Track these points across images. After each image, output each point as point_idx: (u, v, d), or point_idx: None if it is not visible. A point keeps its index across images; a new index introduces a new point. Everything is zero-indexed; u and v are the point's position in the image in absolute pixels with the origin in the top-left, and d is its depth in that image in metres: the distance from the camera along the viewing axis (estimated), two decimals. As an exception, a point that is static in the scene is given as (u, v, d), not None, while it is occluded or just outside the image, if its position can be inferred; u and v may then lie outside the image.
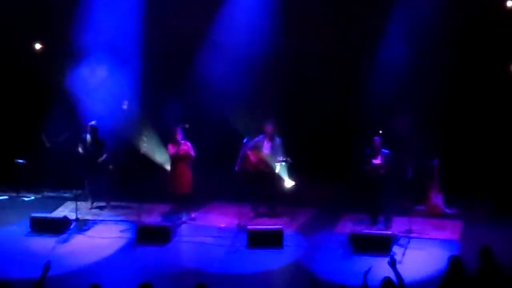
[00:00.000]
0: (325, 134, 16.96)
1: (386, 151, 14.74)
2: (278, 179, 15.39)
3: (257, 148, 15.51)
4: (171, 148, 15.47)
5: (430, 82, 15.98)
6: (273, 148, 15.45)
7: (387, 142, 14.93)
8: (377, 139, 14.77)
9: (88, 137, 16.01)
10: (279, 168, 15.37)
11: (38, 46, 17.54)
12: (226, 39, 16.73)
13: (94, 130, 15.97)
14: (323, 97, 16.82)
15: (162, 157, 15.88)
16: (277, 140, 15.50)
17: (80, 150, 15.98)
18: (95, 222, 15.45)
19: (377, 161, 14.69)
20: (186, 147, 15.44)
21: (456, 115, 16.24)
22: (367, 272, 9.24)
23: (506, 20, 15.73)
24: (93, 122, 16.03)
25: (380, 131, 15.14)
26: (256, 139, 15.56)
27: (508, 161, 15.95)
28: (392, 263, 9.40)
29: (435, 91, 15.98)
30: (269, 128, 15.51)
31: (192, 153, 15.44)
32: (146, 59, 17.05)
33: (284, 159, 15.29)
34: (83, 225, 15.22)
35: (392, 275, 9.16)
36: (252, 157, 15.46)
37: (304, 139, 16.93)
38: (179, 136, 15.43)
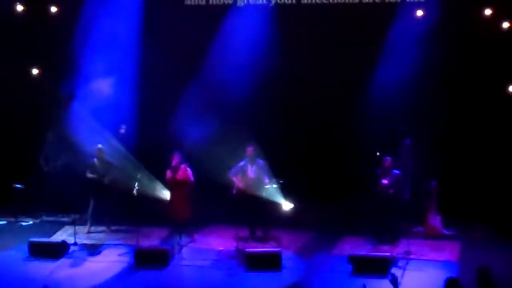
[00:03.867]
0: (323, 155, 16.98)
1: (397, 172, 14.82)
2: (268, 202, 15.33)
3: (242, 173, 15.39)
4: (168, 173, 15.47)
5: (428, 104, 16.03)
6: (258, 171, 15.35)
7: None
8: (387, 159, 14.87)
9: (96, 160, 16.02)
10: (269, 190, 15.32)
11: (35, 71, 17.60)
12: (223, 60, 16.77)
13: (101, 153, 16.01)
14: (322, 118, 16.88)
15: (158, 185, 15.89)
16: (261, 163, 15.39)
17: (88, 174, 16.00)
18: (93, 246, 15.43)
19: (385, 181, 14.76)
20: (183, 172, 15.42)
21: (454, 137, 16.28)
22: None
23: (502, 42, 15.81)
24: (99, 146, 16.07)
25: (378, 153, 15.19)
26: (239, 164, 15.45)
27: (506, 183, 15.97)
28: (393, 281, 9.40)
29: (434, 113, 16.05)
30: (249, 151, 15.40)
31: (191, 178, 15.42)
32: (144, 81, 17.12)
33: (271, 181, 15.24)
34: (81, 249, 15.20)
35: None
36: (238, 183, 15.38)
37: (302, 160, 16.94)
38: (175, 161, 15.40)
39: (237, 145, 15.90)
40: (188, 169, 15.43)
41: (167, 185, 15.62)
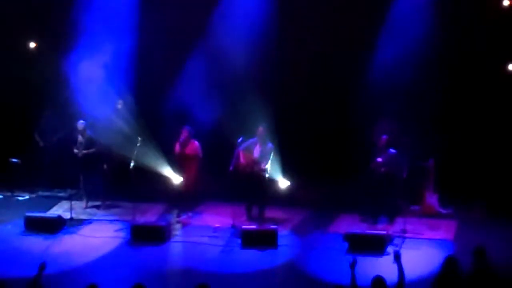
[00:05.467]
0: (320, 134, 16.94)
1: (393, 151, 14.78)
2: (268, 182, 15.27)
3: (248, 150, 15.29)
4: (177, 147, 15.45)
5: (425, 82, 15.98)
6: (262, 153, 15.16)
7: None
8: (383, 137, 14.83)
9: (80, 137, 16.00)
10: (269, 171, 15.24)
11: (32, 45, 17.51)
12: (222, 37, 16.65)
13: (83, 130, 15.96)
14: (318, 97, 16.82)
15: (156, 159, 15.87)
16: (269, 145, 15.24)
17: (74, 150, 15.99)
18: (89, 222, 15.44)
19: (379, 159, 14.75)
20: (191, 147, 15.41)
21: (451, 116, 16.24)
22: (353, 264, 9.23)
23: (502, 20, 15.73)
24: (81, 121, 16.02)
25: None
26: (250, 141, 15.33)
27: (502, 162, 15.96)
28: (397, 258, 9.41)
29: (431, 92, 16.01)
30: (260, 131, 15.29)
31: (199, 154, 15.43)
32: (142, 56, 17.00)
33: (265, 168, 15.09)
34: (77, 225, 15.20)
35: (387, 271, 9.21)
36: (242, 158, 15.25)
37: (299, 139, 16.90)
38: (184, 135, 15.38)
39: (236, 122, 15.90)
40: (197, 144, 15.43)
41: (175, 158, 15.60)
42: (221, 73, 16.65)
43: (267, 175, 15.07)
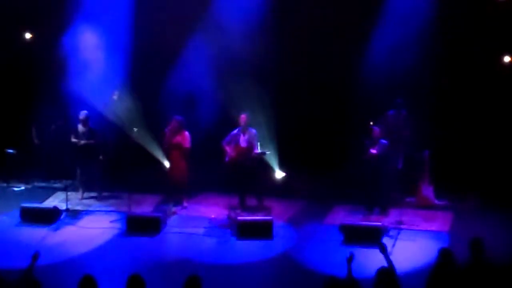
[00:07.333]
0: (316, 125, 16.95)
1: (384, 141, 14.77)
2: (262, 170, 15.28)
3: (233, 142, 15.22)
4: (166, 135, 15.42)
5: (422, 74, 15.99)
6: (249, 140, 15.15)
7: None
8: (376, 129, 14.81)
9: (80, 127, 15.96)
10: (262, 157, 15.23)
11: (28, 35, 17.47)
12: (219, 27, 16.62)
13: (85, 120, 15.93)
14: (315, 88, 16.82)
15: (153, 148, 15.87)
16: (253, 132, 15.20)
17: (73, 140, 15.94)
18: (85, 213, 15.43)
19: (374, 150, 14.74)
20: (181, 137, 15.36)
21: (447, 107, 16.26)
22: (350, 259, 9.22)
23: (498, 12, 15.74)
24: (84, 112, 15.99)
25: (371, 123, 15.16)
26: (232, 133, 15.28)
27: (498, 153, 15.99)
28: (383, 250, 9.41)
29: (427, 83, 16.02)
30: (242, 119, 15.22)
31: (186, 144, 15.35)
32: (138, 48, 16.96)
33: (261, 152, 15.13)
34: (73, 216, 15.19)
35: (383, 262, 9.20)
36: (230, 151, 15.22)
37: (295, 129, 16.90)
38: (172, 124, 15.34)
39: (230, 111, 15.87)
40: (187, 134, 15.37)
41: (164, 147, 15.58)
42: (220, 64, 16.60)
43: (265, 155, 15.11)
